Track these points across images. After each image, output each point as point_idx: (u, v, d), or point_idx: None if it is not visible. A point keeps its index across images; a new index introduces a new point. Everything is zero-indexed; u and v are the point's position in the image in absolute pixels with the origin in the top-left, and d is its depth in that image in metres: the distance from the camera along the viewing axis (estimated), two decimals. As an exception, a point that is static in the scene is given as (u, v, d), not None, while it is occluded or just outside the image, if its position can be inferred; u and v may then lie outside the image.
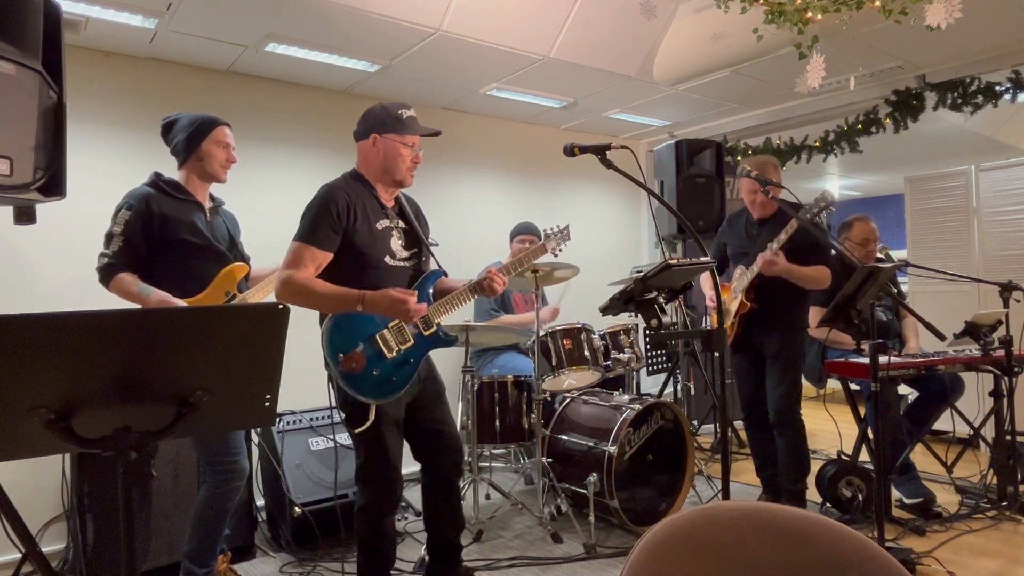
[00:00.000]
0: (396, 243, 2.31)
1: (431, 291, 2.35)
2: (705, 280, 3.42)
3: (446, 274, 2.45)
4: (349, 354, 2.16)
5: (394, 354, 2.21)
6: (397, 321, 2.21)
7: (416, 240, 2.38)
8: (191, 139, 2.42)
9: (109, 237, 2.32)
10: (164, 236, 2.34)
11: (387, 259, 2.27)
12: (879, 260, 3.61)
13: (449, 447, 2.42)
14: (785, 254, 2.97)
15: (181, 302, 2.28)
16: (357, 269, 2.23)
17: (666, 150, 4.65)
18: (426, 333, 2.27)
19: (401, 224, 2.36)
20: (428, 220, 2.54)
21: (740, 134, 5.16)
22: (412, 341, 2.24)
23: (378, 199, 2.32)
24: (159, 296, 2.26)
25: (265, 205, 3.78)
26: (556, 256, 2.73)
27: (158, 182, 2.41)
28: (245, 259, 2.59)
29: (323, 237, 2.15)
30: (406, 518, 3.43)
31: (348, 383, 2.17)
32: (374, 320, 2.19)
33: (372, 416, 2.18)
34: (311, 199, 2.23)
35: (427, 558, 2.54)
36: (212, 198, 2.55)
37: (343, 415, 2.26)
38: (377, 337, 2.19)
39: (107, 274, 2.30)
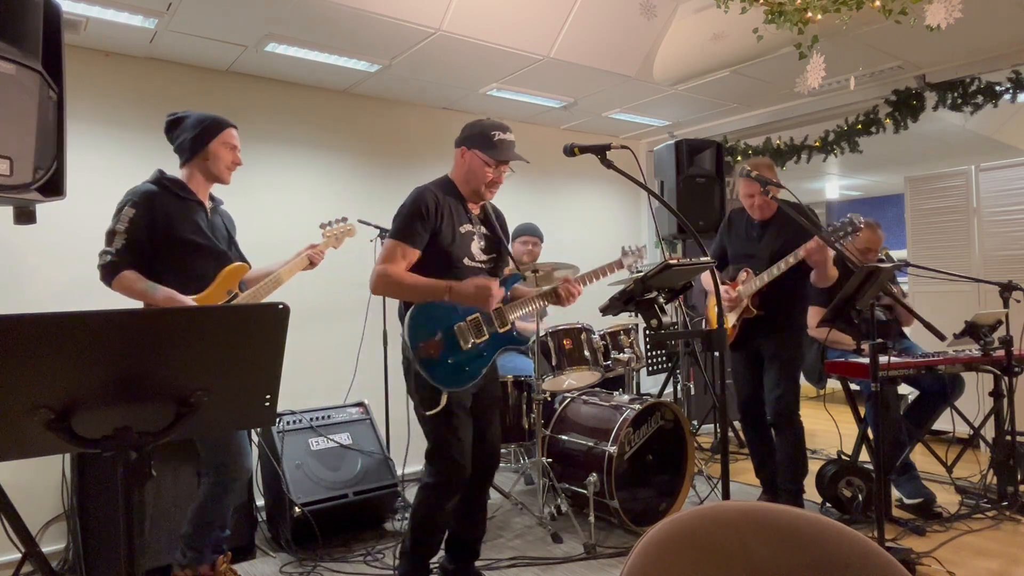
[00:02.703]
0: (476, 247, 2.43)
1: (508, 293, 2.44)
2: (706, 279, 3.41)
3: (524, 278, 2.56)
4: (428, 341, 2.28)
5: (469, 346, 2.32)
6: (475, 315, 2.33)
7: (496, 246, 2.50)
8: (199, 138, 2.42)
9: (112, 234, 2.30)
10: (168, 235, 2.34)
11: (466, 260, 2.39)
12: (879, 261, 3.61)
13: (486, 453, 2.50)
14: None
15: (189, 299, 2.28)
16: (438, 266, 2.35)
17: (666, 150, 4.65)
18: (501, 330, 2.37)
19: (483, 230, 2.48)
20: None
21: (740, 134, 5.16)
22: (487, 335, 2.35)
23: (464, 205, 2.43)
24: (166, 293, 2.25)
25: (265, 205, 3.79)
26: (632, 273, 2.79)
27: (162, 180, 2.40)
28: (244, 258, 2.60)
29: (414, 235, 2.30)
30: (406, 518, 3.42)
31: (424, 368, 2.28)
32: (453, 313, 2.31)
33: (443, 401, 2.29)
34: (404, 200, 2.36)
35: (443, 552, 2.58)
36: (211, 197, 2.55)
37: (417, 399, 2.37)
38: (455, 328, 2.31)
39: (110, 272, 2.28)
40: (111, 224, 2.32)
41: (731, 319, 3.21)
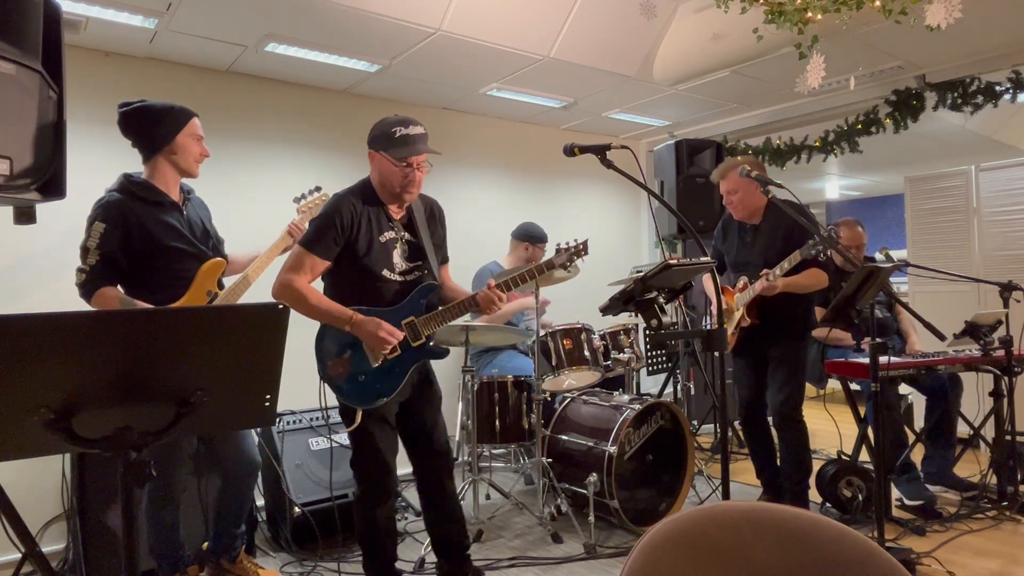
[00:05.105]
0: (398, 256, 2.33)
1: (424, 302, 2.35)
2: (706, 282, 3.40)
3: (440, 286, 2.44)
4: (336, 360, 2.24)
5: (379, 363, 2.25)
6: None
7: (420, 252, 2.39)
8: (164, 131, 2.29)
9: (85, 251, 2.23)
10: (145, 246, 2.26)
11: (385, 272, 2.30)
12: (870, 259, 3.60)
13: (435, 451, 2.45)
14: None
15: None
16: (355, 279, 2.28)
17: (666, 150, 4.65)
18: (414, 344, 2.29)
19: (407, 235, 2.37)
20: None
21: (740, 134, 5.16)
22: (398, 351, 2.26)
23: (386, 211, 2.34)
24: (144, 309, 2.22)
25: (265, 205, 3.78)
26: (567, 271, 2.72)
27: (129, 187, 2.29)
28: (219, 244, 2.53)
29: (324, 246, 2.23)
30: (406, 518, 3.43)
31: (334, 387, 2.26)
32: None
33: (359, 418, 2.25)
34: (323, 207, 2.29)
35: (434, 558, 2.56)
36: (182, 188, 2.45)
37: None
38: (364, 346, 2.24)
39: (88, 290, 2.23)
40: (84, 239, 2.24)
41: (729, 329, 3.18)
